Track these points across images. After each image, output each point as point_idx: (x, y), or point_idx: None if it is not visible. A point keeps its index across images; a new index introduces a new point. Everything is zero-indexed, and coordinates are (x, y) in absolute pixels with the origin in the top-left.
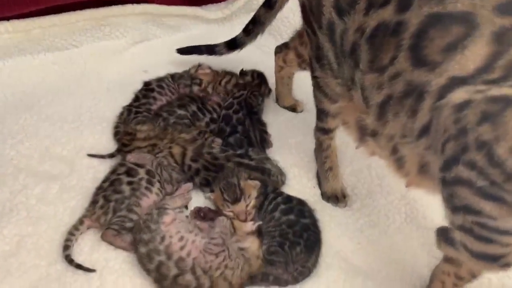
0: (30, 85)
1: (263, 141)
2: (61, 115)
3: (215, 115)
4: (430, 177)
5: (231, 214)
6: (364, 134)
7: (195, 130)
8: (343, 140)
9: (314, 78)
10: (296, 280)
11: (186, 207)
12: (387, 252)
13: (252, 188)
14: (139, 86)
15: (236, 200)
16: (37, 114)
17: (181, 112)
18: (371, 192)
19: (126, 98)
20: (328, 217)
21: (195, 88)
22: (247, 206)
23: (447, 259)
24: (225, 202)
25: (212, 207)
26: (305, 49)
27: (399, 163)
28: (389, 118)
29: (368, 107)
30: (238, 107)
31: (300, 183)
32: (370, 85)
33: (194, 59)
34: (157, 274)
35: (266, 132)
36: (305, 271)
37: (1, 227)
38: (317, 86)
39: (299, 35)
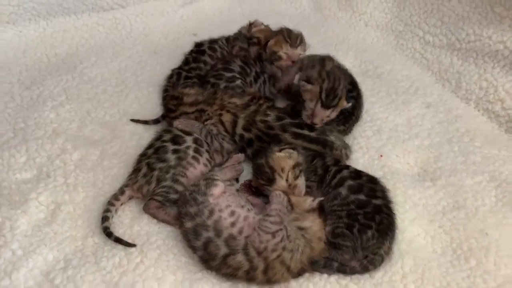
0: (73, 46)
1: None
2: (105, 77)
3: (258, 69)
4: None
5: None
6: None
7: (248, 95)
8: (419, 112)
9: None
10: (365, 269)
11: (237, 180)
12: (476, 237)
13: (284, 159)
14: (188, 49)
15: (270, 180)
16: (79, 76)
17: (229, 74)
18: (455, 170)
19: (174, 62)
20: (401, 197)
21: (254, 49)
22: (287, 180)
23: None
24: (263, 186)
25: None
26: None
27: None
28: None
29: None
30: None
31: (366, 156)
32: None
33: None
34: (204, 252)
35: None
36: (377, 259)
37: (37, 194)
38: None
39: None
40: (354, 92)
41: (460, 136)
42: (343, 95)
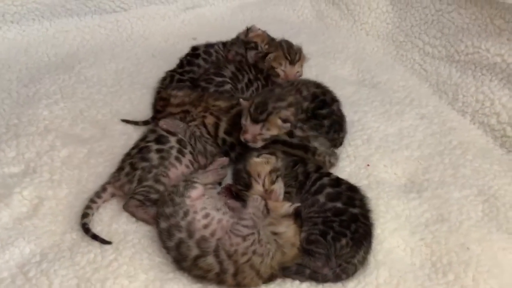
0: (74, 46)
1: None
2: (101, 78)
3: (251, 76)
4: None
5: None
6: None
7: (235, 100)
8: (412, 122)
9: None
10: (337, 278)
11: (220, 183)
12: (457, 251)
13: (261, 165)
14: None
15: (247, 185)
16: (76, 75)
17: (219, 79)
18: (442, 183)
19: (171, 66)
20: (383, 207)
21: (252, 53)
22: (263, 186)
23: None
24: (241, 192)
25: None
26: None
27: None
28: None
29: None
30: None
31: (352, 164)
32: None
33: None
34: (176, 253)
35: None
36: (350, 268)
37: (21, 188)
38: None
39: None
40: (326, 95)
41: (452, 148)
42: (276, 112)
